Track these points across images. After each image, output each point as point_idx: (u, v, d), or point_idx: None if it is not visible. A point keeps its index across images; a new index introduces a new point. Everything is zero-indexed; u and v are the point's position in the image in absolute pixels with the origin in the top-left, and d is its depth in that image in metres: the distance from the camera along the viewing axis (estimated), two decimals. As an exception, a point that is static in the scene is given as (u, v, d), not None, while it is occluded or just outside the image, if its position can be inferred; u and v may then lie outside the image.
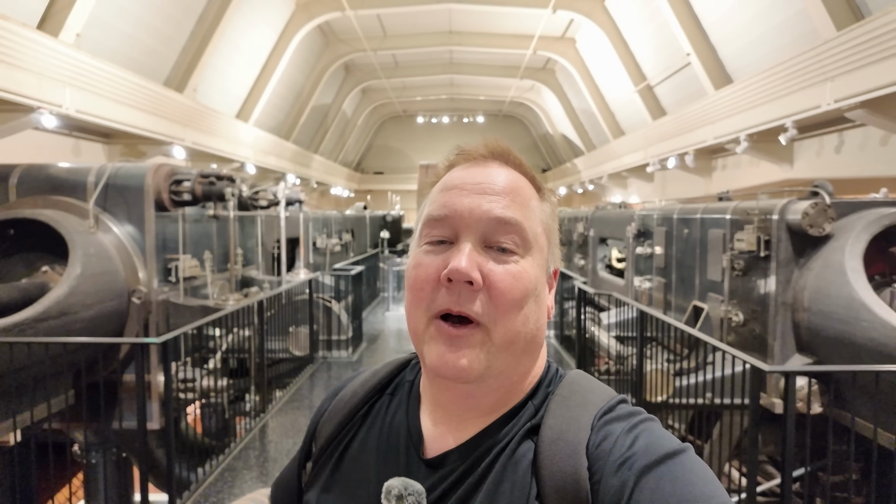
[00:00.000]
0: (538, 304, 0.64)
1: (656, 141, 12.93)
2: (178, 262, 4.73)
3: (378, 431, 0.71)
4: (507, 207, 0.63)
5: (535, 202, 0.67)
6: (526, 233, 0.63)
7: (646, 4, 11.58)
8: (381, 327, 9.79)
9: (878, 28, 5.82)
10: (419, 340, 0.63)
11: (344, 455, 0.71)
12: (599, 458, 0.57)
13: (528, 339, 0.62)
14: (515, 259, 0.62)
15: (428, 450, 0.66)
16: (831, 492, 3.48)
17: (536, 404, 0.65)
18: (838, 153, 8.09)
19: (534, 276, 0.63)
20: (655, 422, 0.61)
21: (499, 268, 0.61)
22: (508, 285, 0.60)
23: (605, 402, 0.62)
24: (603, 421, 0.60)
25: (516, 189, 0.65)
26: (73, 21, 7.21)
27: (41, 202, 4.40)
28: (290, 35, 13.56)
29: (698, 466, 0.55)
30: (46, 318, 3.59)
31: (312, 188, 20.55)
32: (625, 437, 0.57)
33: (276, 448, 4.57)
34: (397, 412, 0.71)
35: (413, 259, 0.65)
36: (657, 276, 6.63)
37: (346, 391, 0.78)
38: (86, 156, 8.94)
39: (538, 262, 0.64)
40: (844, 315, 3.61)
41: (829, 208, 3.98)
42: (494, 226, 0.62)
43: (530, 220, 0.64)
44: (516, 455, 0.61)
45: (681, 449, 0.56)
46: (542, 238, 0.66)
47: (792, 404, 2.68)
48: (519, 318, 0.61)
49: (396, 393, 0.75)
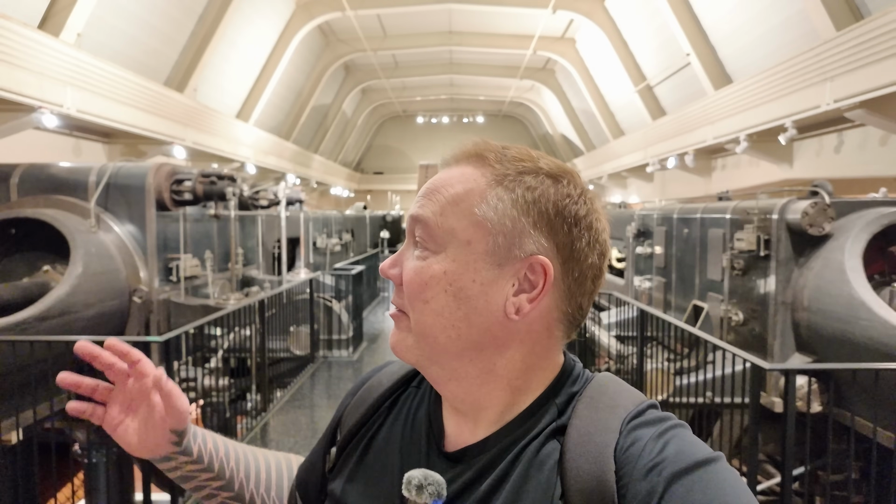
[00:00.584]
0: (458, 299, 0.62)
1: (656, 141, 12.94)
2: (179, 262, 4.74)
3: (402, 423, 0.72)
4: (422, 206, 0.65)
5: (477, 195, 0.63)
6: (432, 229, 0.63)
7: (646, 5, 11.59)
8: (381, 327, 9.80)
9: (878, 28, 5.84)
10: None
11: (369, 446, 0.72)
12: (627, 463, 0.56)
13: (449, 333, 0.62)
14: (422, 254, 0.64)
15: (448, 444, 0.67)
16: (831, 490, 3.49)
17: (559, 404, 0.64)
18: (838, 153, 8.10)
19: (437, 271, 0.62)
20: (686, 428, 0.60)
21: (408, 263, 0.65)
22: (408, 279, 0.64)
23: (634, 406, 0.62)
24: (632, 425, 0.59)
25: (444, 185, 0.64)
26: (73, 21, 7.22)
27: (42, 202, 4.41)
28: (290, 35, 13.57)
29: (731, 476, 0.54)
30: (48, 317, 3.60)
31: (312, 188, 20.56)
32: (654, 442, 0.57)
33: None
34: (422, 404, 0.73)
35: None
36: (657, 275, 6.64)
37: (374, 381, 0.79)
38: (86, 155, 8.95)
39: (458, 255, 0.62)
40: (844, 314, 3.62)
41: (829, 208, 3.99)
42: (412, 224, 0.66)
43: (445, 215, 0.62)
44: (541, 455, 0.61)
45: (713, 457, 0.55)
46: (469, 231, 0.62)
47: (792, 403, 2.68)
48: (427, 310, 0.63)
49: (422, 385, 0.76)
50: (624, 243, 7.92)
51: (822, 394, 3.71)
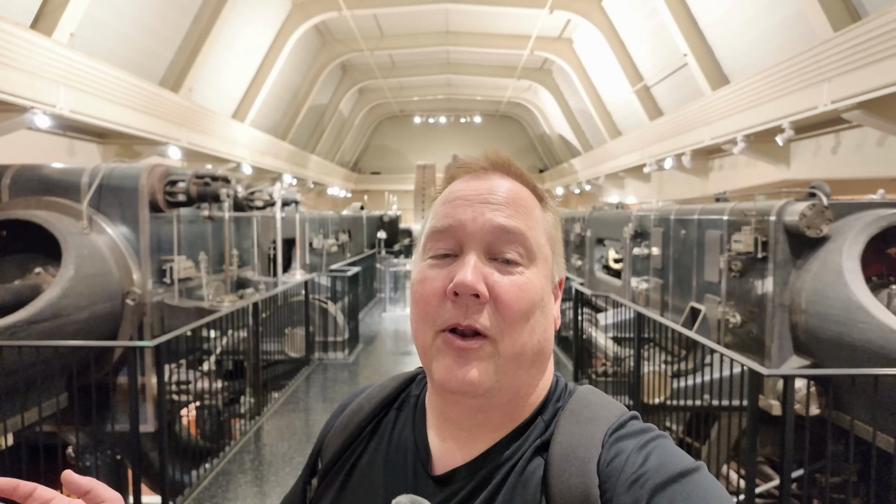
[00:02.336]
0: (544, 315, 0.63)
1: (653, 141, 12.94)
2: (172, 264, 4.70)
3: (385, 447, 0.70)
4: (511, 217, 0.62)
5: (539, 212, 0.66)
6: (529, 242, 0.62)
7: (643, 5, 11.58)
8: (377, 328, 9.76)
9: (876, 29, 5.82)
10: (426, 356, 0.63)
11: (352, 472, 0.71)
12: (611, 476, 0.56)
13: (535, 350, 0.62)
14: (520, 270, 0.61)
15: (436, 466, 0.65)
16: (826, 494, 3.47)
17: (546, 420, 0.64)
18: (835, 154, 8.10)
19: (539, 287, 0.62)
20: (667, 438, 0.60)
21: (504, 279, 0.60)
22: (514, 297, 0.60)
23: (615, 419, 0.62)
24: (614, 437, 0.59)
25: (518, 199, 0.65)
26: (66, 20, 7.16)
27: (34, 203, 4.36)
28: (286, 35, 13.52)
29: (712, 485, 0.54)
30: (39, 320, 3.56)
31: (309, 188, 20.51)
32: (637, 454, 0.57)
33: (271, 451, 4.54)
34: (404, 428, 0.71)
35: (418, 273, 0.64)
36: (654, 277, 6.62)
37: (353, 407, 0.77)
38: (80, 156, 8.89)
39: (543, 272, 0.64)
40: (842, 317, 3.60)
41: (827, 209, 3.97)
42: (498, 235, 0.61)
43: (533, 229, 0.64)
44: (526, 472, 0.60)
45: (694, 467, 0.55)
46: (546, 248, 0.65)
47: (791, 407, 2.66)
48: (526, 330, 0.60)
49: (403, 408, 0.74)
50: (620, 244, 7.90)
51: (820, 397, 3.70)
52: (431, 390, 0.69)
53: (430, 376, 0.64)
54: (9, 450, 3.45)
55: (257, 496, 3.77)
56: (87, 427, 4.23)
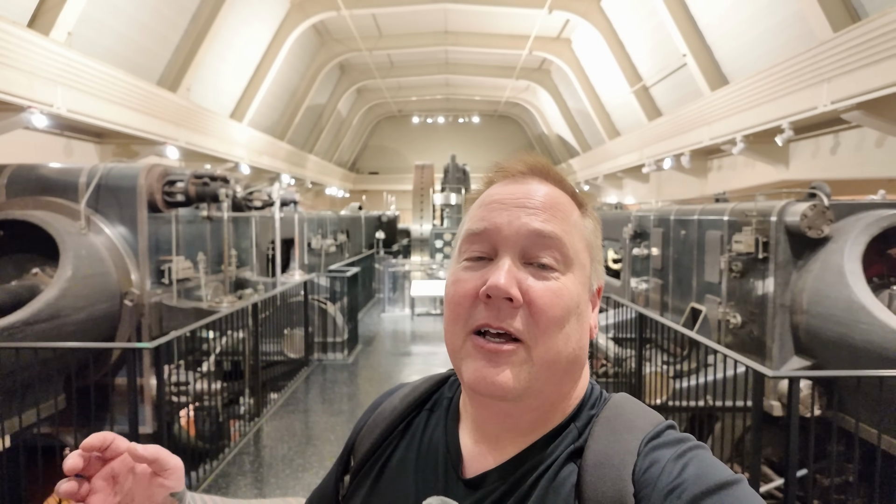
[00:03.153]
0: (580, 322, 0.62)
1: (652, 142, 12.94)
2: (171, 264, 4.67)
3: (417, 448, 0.70)
4: (547, 221, 0.61)
5: (577, 217, 0.65)
6: (566, 248, 0.61)
7: (642, 5, 11.58)
8: (376, 329, 9.74)
9: (875, 30, 5.83)
10: (456, 357, 0.62)
11: (383, 471, 0.71)
12: (646, 485, 0.55)
13: (570, 358, 0.61)
14: (556, 276, 0.60)
15: (467, 469, 0.65)
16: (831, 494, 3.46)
17: (580, 426, 0.63)
18: (834, 154, 8.11)
19: (575, 294, 0.61)
20: (706, 449, 0.59)
21: (539, 284, 0.59)
22: (549, 302, 0.59)
23: (652, 427, 0.61)
24: (650, 447, 0.58)
25: (556, 203, 0.64)
26: (64, 19, 7.13)
27: (32, 203, 4.33)
28: (284, 34, 13.49)
29: (753, 499, 0.52)
30: (37, 321, 3.53)
31: (307, 188, 20.47)
32: (673, 464, 0.55)
33: (270, 452, 4.52)
34: (436, 429, 0.71)
35: (452, 275, 0.64)
36: (654, 277, 6.61)
37: (386, 406, 0.78)
38: (77, 156, 8.85)
39: (580, 279, 0.63)
40: (843, 317, 3.59)
41: (828, 210, 3.96)
42: (534, 240, 0.61)
43: (571, 234, 0.63)
44: (559, 478, 0.60)
45: (734, 480, 0.53)
46: (583, 254, 0.64)
47: (795, 409, 2.65)
48: (560, 337, 0.59)
49: (436, 409, 0.74)
50: (620, 244, 7.89)
51: (821, 398, 3.69)
52: (464, 392, 0.69)
53: (460, 377, 0.64)
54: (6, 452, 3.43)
55: (257, 498, 3.75)
56: (85, 429, 4.19)
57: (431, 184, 14.17)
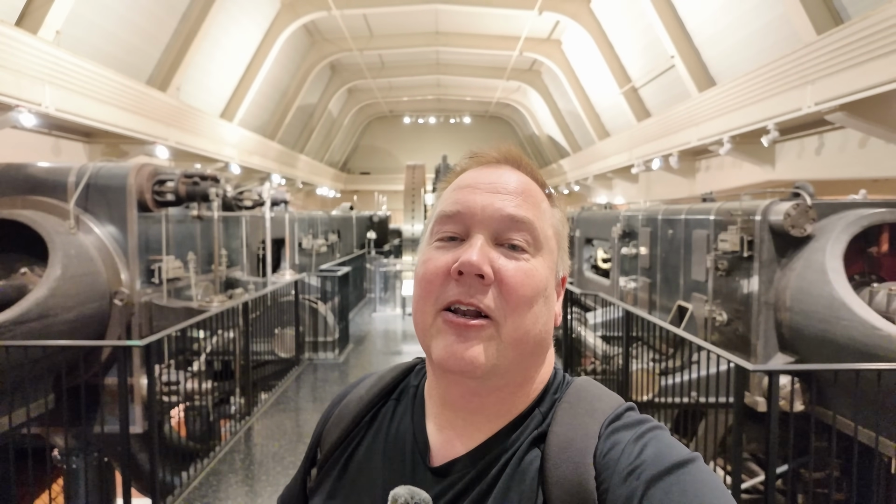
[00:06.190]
0: (547, 305, 0.64)
1: (641, 142, 13.05)
2: (161, 264, 4.67)
3: (384, 437, 0.70)
4: (520, 207, 0.63)
5: (546, 206, 0.68)
6: (537, 232, 0.63)
7: (631, 7, 11.68)
8: (367, 329, 9.75)
9: (857, 32, 5.93)
10: (426, 335, 0.62)
11: (350, 461, 0.70)
12: (607, 467, 0.56)
13: (536, 339, 0.62)
14: (526, 257, 0.62)
15: (434, 457, 0.65)
16: (813, 488, 3.54)
17: (543, 411, 0.64)
18: (818, 155, 8.23)
19: (544, 276, 0.63)
20: (664, 430, 0.60)
21: (510, 263, 0.61)
22: (520, 281, 0.60)
23: (612, 410, 0.62)
24: (611, 429, 0.59)
25: (528, 190, 0.66)
26: (52, 18, 7.08)
27: (20, 202, 4.31)
28: (275, 34, 13.45)
29: (708, 476, 0.54)
30: (26, 321, 3.52)
31: (298, 188, 20.40)
32: (633, 445, 0.57)
33: (261, 451, 4.53)
34: (403, 418, 0.71)
35: (423, 254, 0.65)
36: (642, 276, 6.68)
37: (352, 396, 0.77)
38: (66, 155, 8.78)
39: (548, 263, 0.65)
40: (825, 314, 3.67)
41: (811, 209, 4.04)
42: (507, 223, 0.62)
43: (541, 220, 0.65)
44: (523, 463, 0.60)
45: (690, 458, 0.55)
46: (552, 241, 0.66)
47: (776, 403, 2.71)
48: (529, 317, 0.60)
49: (402, 398, 0.74)
50: (609, 244, 7.96)
51: (805, 393, 3.76)
52: (430, 375, 0.69)
53: (428, 357, 0.64)
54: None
55: (248, 496, 3.76)
56: (75, 429, 4.18)
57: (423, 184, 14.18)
